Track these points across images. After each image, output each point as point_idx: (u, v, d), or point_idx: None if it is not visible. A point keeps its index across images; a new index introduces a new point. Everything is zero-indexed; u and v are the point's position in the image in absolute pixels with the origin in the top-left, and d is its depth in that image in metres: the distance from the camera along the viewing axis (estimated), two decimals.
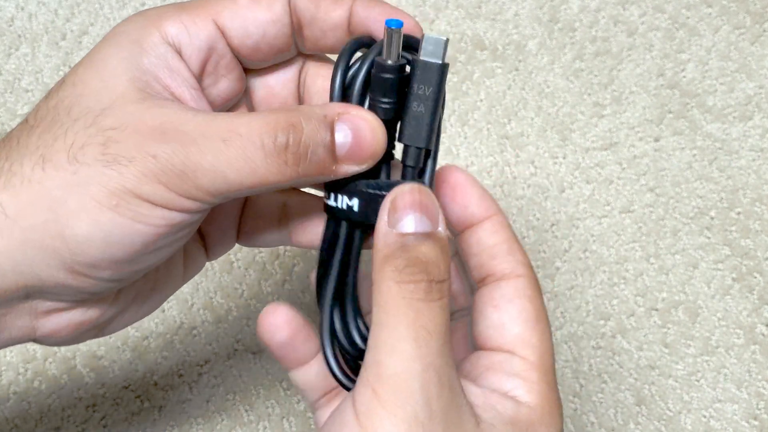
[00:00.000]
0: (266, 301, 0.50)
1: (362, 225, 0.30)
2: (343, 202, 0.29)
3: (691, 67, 0.57)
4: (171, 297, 0.50)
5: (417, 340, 0.25)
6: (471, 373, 0.29)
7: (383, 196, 0.28)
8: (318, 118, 0.27)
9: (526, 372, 0.28)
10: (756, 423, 0.47)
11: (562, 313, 0.50)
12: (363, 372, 0.26)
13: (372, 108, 0.28)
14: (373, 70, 0.28)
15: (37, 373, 0.48)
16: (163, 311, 0.50)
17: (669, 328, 0.49)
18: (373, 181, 0.29)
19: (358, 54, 0.29)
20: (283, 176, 0.26)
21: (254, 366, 0.49)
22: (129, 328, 0.49)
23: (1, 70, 0.56)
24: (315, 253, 0.51)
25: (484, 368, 0.29)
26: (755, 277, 0.50)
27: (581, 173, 0.53)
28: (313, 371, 0.32)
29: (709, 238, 0.51)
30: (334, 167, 0.27)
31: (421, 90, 0.28)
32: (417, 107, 0.28)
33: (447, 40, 0.28)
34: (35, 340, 0.30)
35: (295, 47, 0.31)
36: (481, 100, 0.55)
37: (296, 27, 0.30)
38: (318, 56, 0.33)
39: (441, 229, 0.27)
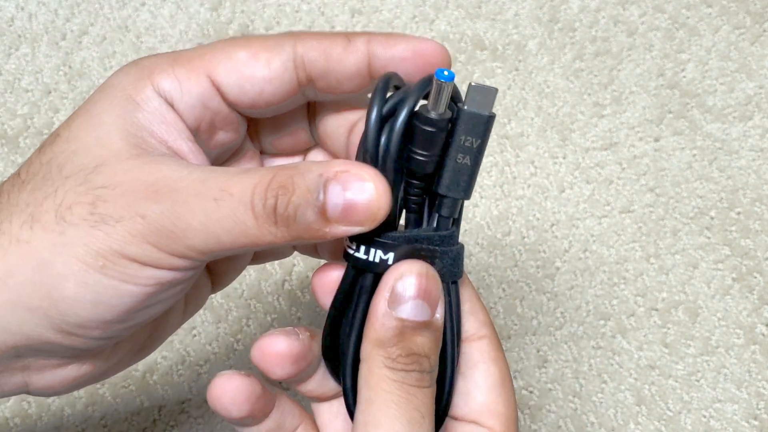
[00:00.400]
0: (266, 301, 0.50)
1: None
2: (376, 255, 0.27)
3: (691, 67, 0.57)
4: None
5: (410, 421, 0.25)
6: None
7: (427, 251, 0.27)
8: (312, 177, 0.25)
9: None
10: (756, 423, 0.47)
11: (562, 313, 0.50)
12: None
13: (408, 160, 0.27)
14: (415, 120, 0.26)
15: None
16: None
17: (669, 328, 0.49)
18: (409, 234, 0.27)
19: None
20: (275, 237, 0.25)
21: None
22: None
23: (1, 70, 0.56)
24: None
25: None
26: (755, 277, 0.50)
27: (581, 173, 0.53)
28: (264, 428, 0.31)
29: (709, 238, 0.51)
30: (327, 229, 0.25)
31: (467, 142, 0.26)
32: (462, 159, 0.26)
33: (497, 90, 0.26)
34: (29, 393, 0.30)
35: (303, 96, 0.29)
36: None
37: (304, 81, 0.28)
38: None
39: (438, 315, 0.27)
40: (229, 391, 0.29)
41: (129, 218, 0.25)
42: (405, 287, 0.26)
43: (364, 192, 0.25)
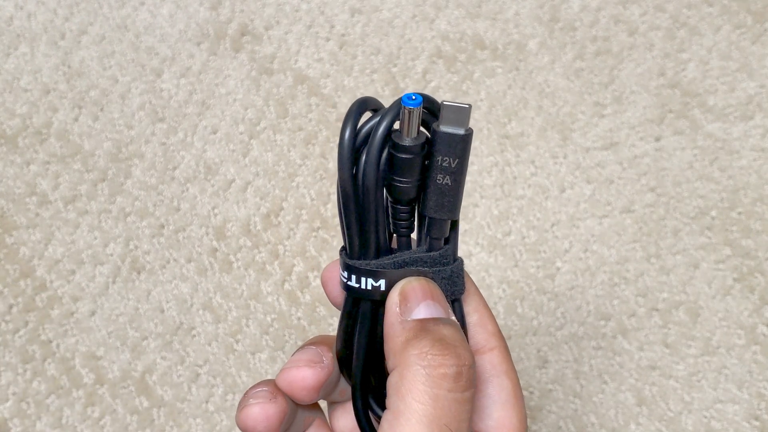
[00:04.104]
0: (266, 301, 0.50)
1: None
2: (367, 283, 0.27)
3: (692, 66, 0.56)
4: (170, 297, 0.50)
5: None
6: None
7: (417, 273, 0.27)
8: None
9: None
10: (757, 423, 0.47)
11: (562, 313, 0.50)
12: None
13: (389, 189, 0.26)
14: (389, 149, 0.25)
15: (36, 374, 0.48)
16: (163, 311, 0.50)
17: (670, 329, 0.49)
18: (398, 259, 0.27)
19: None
20: None
21: (254, 366, 0.49)
22: (128, 328, 0.49)
23: (0, 70, 0.56)
24: (314, 253, 0.51)
25: None
26: (756, 278, 0.50)
27: (582, 173, 0.53)
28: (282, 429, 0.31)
29: (710, 238, 0.51)
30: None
31: (445, 162, 0.25)
32: (442, 180, 0.26)
33: (470, 107, 0.25)
34: None
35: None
36: (482, 100, 0.55)
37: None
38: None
39: (453, 318, 0.27)
40: (263, 421, 0.29)
41: None
42: (411, 295, 0.26)
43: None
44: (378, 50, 0.57)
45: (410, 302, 0.26)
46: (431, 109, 0.26)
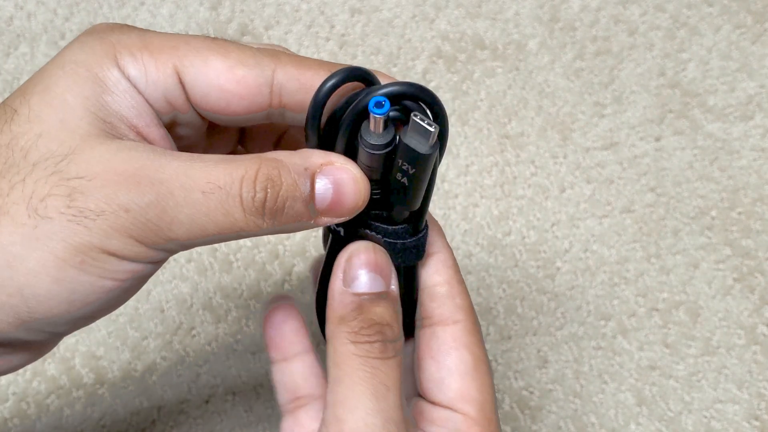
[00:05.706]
0: (266, 301, 0.50)
1: None
2: (338, 227, 0.29)
3: (692, 66, 0.56)
4: (170, 297, 0.50)
5: (376, 395, 0.26)
6: (419, 424, 0.30)
7: (398, 245, 0.28)
8: (298, 171, 0.25)
9: (467, 429, 0.29)
10: (757, 423, 0.47)
11: (562, 313, 0.50)
12: (323, 429, 0.27)
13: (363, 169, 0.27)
14: (359, 138, 0.26)
15: (36, 373, 0.48)
16: (163, 311, 0.50)
17: (670, 329, 0.49)
18: (361, 215, 0.28)
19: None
20: (259, 229, 0.26)
21: (254, 366, 0.49)
22: (128, 328, 0.49)
23: (0, 70, 0.56)
24: (314, 253, 0.51)
25: (429, 422, 0.30)
26: (756, 278, 0.50)
27: (582, 173, 0.53)
28: (291, 369, 0.33)
29: (710, 238, 0.51)
30: (312, 221, 0.26)
31: (404, 166, 0.26)
32: (401, 178, 0.26)
33: (435, 131, 0.25)
34: None
35: (267, 118, 0.29)
36: (482, 100, 0.55)
37: (276, 105, 0.28)
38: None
39: (393, 287, 0.28)
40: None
41: (111, 212, 0.24)
42: (355, 263, 0.28)
43: (349, 184, 0.26)
44: (378, 50, 0.57)
45: (353, 271, 0.28)
46: (405, 110, 0.26)
